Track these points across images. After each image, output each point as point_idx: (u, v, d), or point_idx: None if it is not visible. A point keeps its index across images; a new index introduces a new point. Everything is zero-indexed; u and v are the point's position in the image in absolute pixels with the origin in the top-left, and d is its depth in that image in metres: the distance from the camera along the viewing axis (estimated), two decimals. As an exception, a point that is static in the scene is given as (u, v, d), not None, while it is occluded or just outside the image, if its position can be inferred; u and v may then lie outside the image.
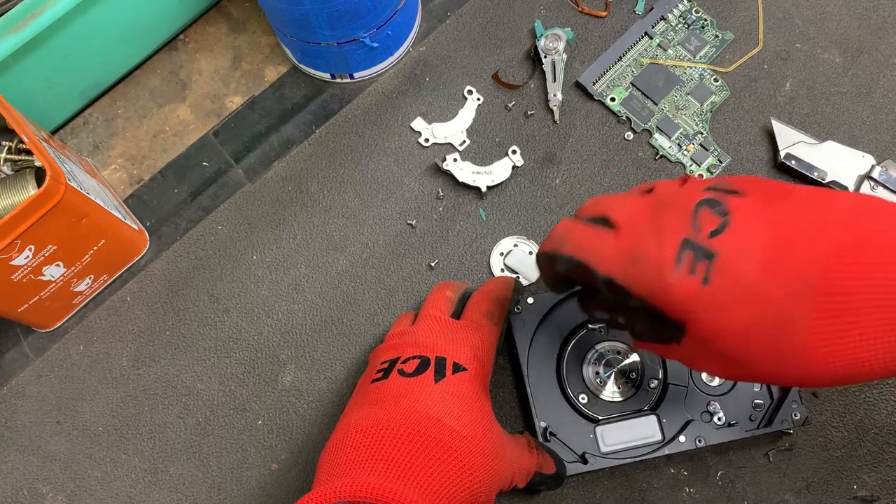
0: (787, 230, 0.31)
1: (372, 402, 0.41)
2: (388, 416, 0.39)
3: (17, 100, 0.52)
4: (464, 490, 0.38)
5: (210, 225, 0.58)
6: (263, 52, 0.62)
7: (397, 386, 0.41)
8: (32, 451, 0.54)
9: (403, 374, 0.41)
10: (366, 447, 0.38)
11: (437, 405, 0.39)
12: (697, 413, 0.49)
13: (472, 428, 0.39)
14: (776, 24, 0.60)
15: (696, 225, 0.33)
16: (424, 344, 0.43)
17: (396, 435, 0.38)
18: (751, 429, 0.48)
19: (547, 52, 0.59)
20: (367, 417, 0.39)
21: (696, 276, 0.32)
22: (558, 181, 0.57)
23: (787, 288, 0.30)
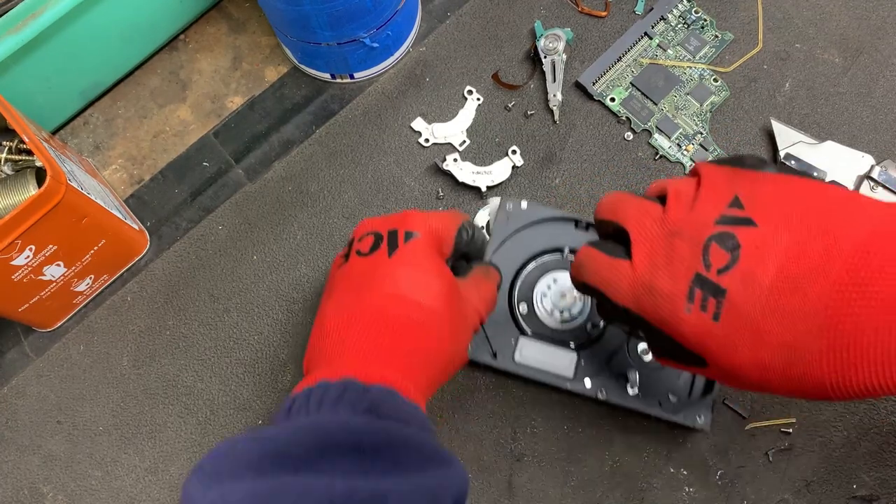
0: (795, 264, 0.32)
1: (339, 290, 0.42)
2: (355, 305, 0.40)
3: (17, 100, 0.52)
4: (436, 358, 0.40)
5: (210, 225, 0.58)
6: (263, 52, 0.62)
7: (358, 268, 0.42)
8: (33, 450, 0.54)
9: (360, 253, 0.42)
10: (341, 341, 0.39)
11: (395, 280, 0.41)
12: (615, 373, 0.50)
13: (430, 294, 0.41)
14: (776, 24, 0.60)
15: (707, 261, 0.33)
16: (378, 222, 0.44)
17: (366, 323, 0.39)
18: (654, 410, 0.49)
19: (547, 53, 0.59)
20: (337, 308, 0.41)
21: (708, 313, 0.33)
22: (558, 181, 0.57)
23: (795, 325, 0.31)
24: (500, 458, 0.51)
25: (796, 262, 0.32)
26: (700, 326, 0.33)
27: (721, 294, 0.33)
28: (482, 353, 0.50)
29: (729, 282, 0.33)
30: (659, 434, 0.51)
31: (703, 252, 0.34)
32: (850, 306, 0.30)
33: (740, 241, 0.33)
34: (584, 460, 0.51)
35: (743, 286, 0.32)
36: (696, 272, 0.34)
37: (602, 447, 0.51)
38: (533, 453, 0.51)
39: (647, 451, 0.51)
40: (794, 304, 0.31)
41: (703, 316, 0.33)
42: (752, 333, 0.32)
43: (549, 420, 0.52)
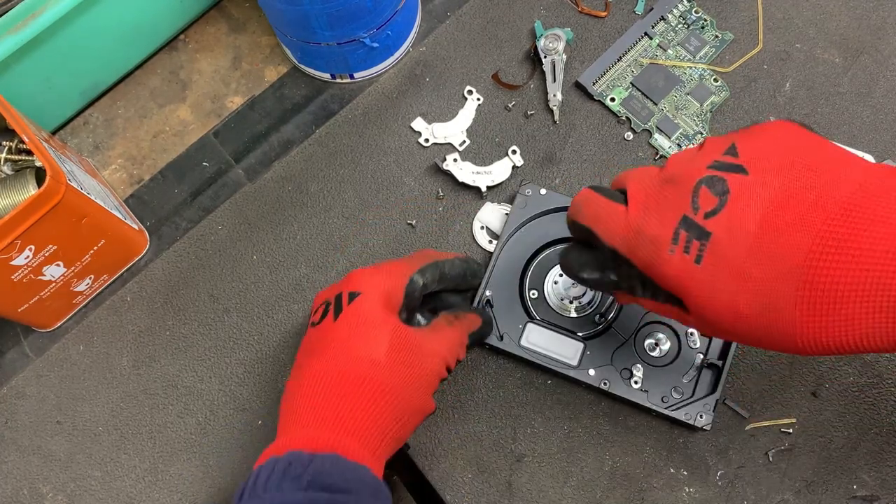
0: (780, 213, 0.32)
1: (295, 363, 0.45)
2: (304, 373, 0.42)
3: (17, 100, 0.52)
4: (388, 410, 0.41)
5: (210, 225, 0.58)
6: (263, 52, 0.62)
7: (310, 338, 0.45)
8: (33, 451, 0.54)
9: (313, 324, 0.45)
10: (292, 411, 0.42)
11: (340, 341, 0.42)
12: (621, 366, 0.50)
13: (376, 348, 0.42)
14: (776, 24, 0.60)
15: (696, 204, 0.34)
16: (327, 292, 0.46)
17: (311, 389, 0.41)
18: (657, 405, 0.49)
19: (547, 53, 0.59)
20: (291, 379, 0.43)
21: (690, 255, 0.34)
22: (558, 181, 0.57)
23: (774, 273, 0.32)
24: (500, 458, 0.51)
25: (782, 212, 0.32)
26: (682, 268, 0.34)
27: (706, 237, 0.33)
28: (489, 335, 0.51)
29: (714, 225, 0.33)
30: (659, 434, 0.51)
31: (693, 195, 0.34)
32: (827, 261, 0.31)
33: (730, 186, 0.33)
34: (584, 460, 0.51)
35: (727, 231, 0.33)
36: (683, 214, 0.34)
37: (602, 447, 0.51)
38: (533, 453, 0.51)
39: (647, 451, 0.51)
40: (775, 252, 0.32)
41: (685, 258, 0.34)
42: (732, 278, 0.33)
43: (549, 420, 0.52)
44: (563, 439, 0.51)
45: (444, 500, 0.50)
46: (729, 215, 0.33)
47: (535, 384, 0.52)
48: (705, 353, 0.50)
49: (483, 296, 0.52)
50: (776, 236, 0.32)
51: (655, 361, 0.51)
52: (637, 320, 0.51)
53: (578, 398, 0.52)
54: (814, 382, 0.51)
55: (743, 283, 0.32)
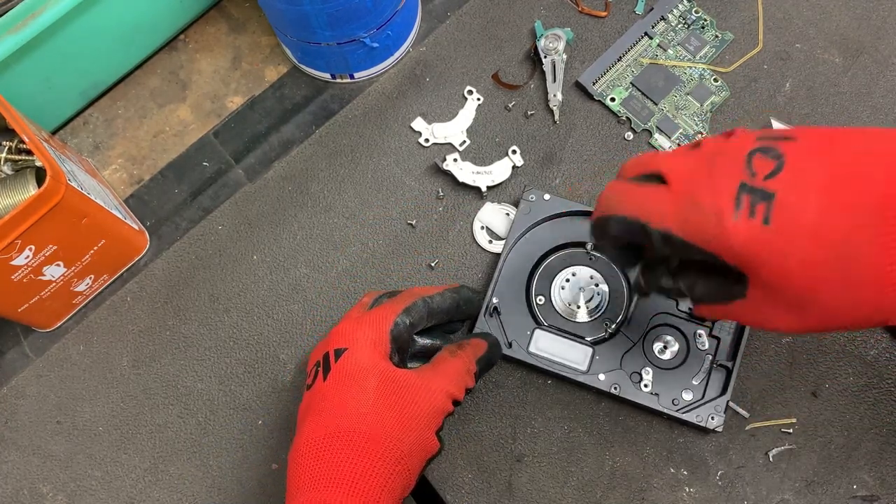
0: (843, 165, 0.31)
1: (298, 423, 0.44)
2: (299, 440, 0.42)
3: (17, 100, 0.52)
4: (386, 458, 0.40)
5: (210, 225, 0.58)
6: (263, 52, 0.62)
7: (305, 402, 0.44)
8: (33, 451, 0.54)
9: (308, 387, 0.45)
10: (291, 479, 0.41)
11: (329, 401, 0.42)
12: (630, 370, 0.50)
13: (365, 400, 0.41)
14: (776, 24, 0.60)
15: (751, 170, 0.33)
16: (316, 352, 0.46)
17: (306, 456, 0.41)
18: (668, 408, 0.49)
19: (547, 52, 0.59)
20: (296, 440, 0.43)
21: (756, 218, 0.32)
22: (558, 181, 0.57)
23: (850, 219, 0.30)
24: (500, 458, 0.51)
25: (844, 163, 0.31)
26: (749, 233, 0.32)
27: (770, 198, 0.32)
28: None
29: (777, 185, 0.32)
30: (659, 434, 0.51)
31: (746, 163, 0.33)
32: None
33: (783, 150, 0.32)
34: (584, 460, 0.51)
35: (793, 187, 0.31)
36: (740, 181, 0.32)
37: (602, 447, 0.51)
38: (533, 453, 0.51)
39: (647, 451, 0.51)
40: (847, 201, 0.31)
41: (752, 222, 0.32)
42: (805, 235, 0.31)
43: (549, 420, 0.52)
44: (563, 439, 0.51)
45: (444, 500, 0.50)
46: (792, 172, 0.32)
47: (534, 384, 0.52)
48: (714, 355, 0.51)
49: (490, 303, 0.52)
50: (845, 185, 0.31)
51: (664, 364, 0.51)
52: (645, 323, 0.51)
53: (578, 398, 0.52)
54: (814, 382, 0.51)
55: (817, 238, 0.31)
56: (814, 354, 0.52)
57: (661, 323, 0.52)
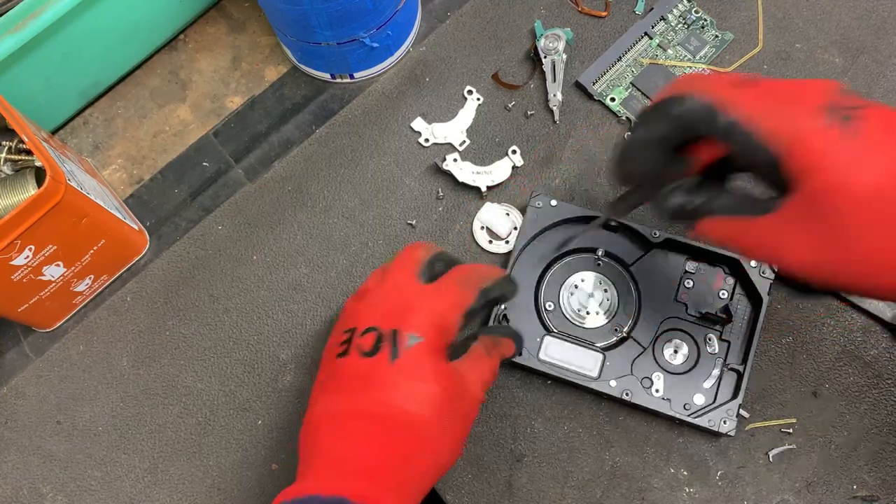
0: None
1: (336, 386, 0.41)
2: (352, 408, 0.39)
3: (17, 100, 0.52)
4: (429, 467, 0.39)
5: (210, 225, 0.58)
6: (263, 52, 0.62)
7: (357, 368, 0.40)
8: (32, 451, 0.54)
9: (362, 352, 0.41)
10: (334, 440, 0.39)
11: (394, 390, 0.39)
12: (640, 376, 0.50)
13: (429, 405, 0.40)
14: (776, 24, 0.60)
15: (841, 96, 0.33)
16: (383, 311, 0.42)
17: (360, 434, 0.39)
18: (680, 413, 0.49)
19: (547, 53, 0.59)
20: (335, 405, 0.40)
21: (846, 129, 0.32)
22: (558, 181, 0.57)
23: None
24: (500, 458, 0.51)
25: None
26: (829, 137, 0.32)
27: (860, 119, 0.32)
28: None
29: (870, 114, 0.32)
30: (659, 434, 0.51)
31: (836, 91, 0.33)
32: None
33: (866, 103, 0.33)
34: (584, 460, 0.51)
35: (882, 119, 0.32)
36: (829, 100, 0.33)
37: (602, 447, 0.51)
38: (533, 453, 0.51)
39: (647, 451, 0.51)
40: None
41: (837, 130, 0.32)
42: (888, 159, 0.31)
43: (549, 420, 0.52)
44: (563, 439, 0.51)
45: (444, 500, 0.50)
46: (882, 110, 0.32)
47: (534, 384, 0.52)
48: (725, 358, 0.51)
49: (499, 311, 0.52)
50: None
51: (675, 369, 0.51)
52: (655, 328, 0.51)
53: (578, 398, 0.52)
54: (814, 382, 0.51)
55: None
56: (814, 354, 0.52)
57: (671, 328, 0.52)
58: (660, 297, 0.52)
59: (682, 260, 0.53)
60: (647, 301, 0.52)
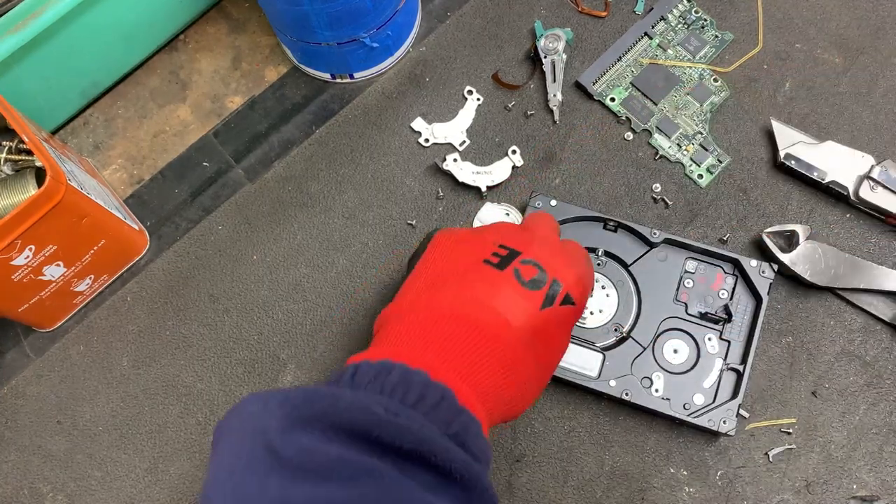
0: None
1: (475, 290, 0.39)
2: (485, 319, 0.38)
3: (17, 100, 0.52)
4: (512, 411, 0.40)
5: (210, 225, 0.58)
6: (263, 52, 0.62)
7: (508, 286, 0.39)
8: (33, 450, 0.54)
9: (519, 278, 0.40)
10: (453, 338, 0.37)
11: (533, 330, 0.39)
12: (640, 375, 0.50)
13: (547, 360, 0.41)
14: (776, 24, 0.60)
15: None
16: (547, 254, 0.41)
17: (483, 342, 0.37)
18: (680, 413, 0.49)
19: (547, 53, 0.59)
20: (466, 305, 0.39)
21: None
22: (558, 181, 0.57)
23: None
24: (500, 458, 0.51)
25: None
26: None
27: None
28: None
29: None
30: (659, 434, 0.51)
31: None
32: None
33: None
34: (584, 460, 0.51)
35: None
36: None
37: (602, 447, 0.51)
38: (533, 453, 0.51)
39: (647, 451, 0.51)
40: None
41: None
42: None
43: (549, 420, 0.52)
44: (563, 439, 0.51)
45: (444, 500, 0.50)
46: None
47: (535, 384, 0.52)
48: (725, 358, 0.51)
49: None
50: None
51: (675, 369, 0.51)
52: (655, 328, 0.51)
53: (578, 398, 0.52)
54: (814, 382, 0.51)
55: None
56: (814, 354, 0.52)
57: (671, 327, 0.52)
58: (659, 297, 0.52)
59: (681, 259, 0.53)
60: (646, 301, 0.52)
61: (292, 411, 0.31)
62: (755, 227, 0.55)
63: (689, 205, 0.56)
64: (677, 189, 0.56)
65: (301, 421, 0.31)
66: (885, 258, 0.54)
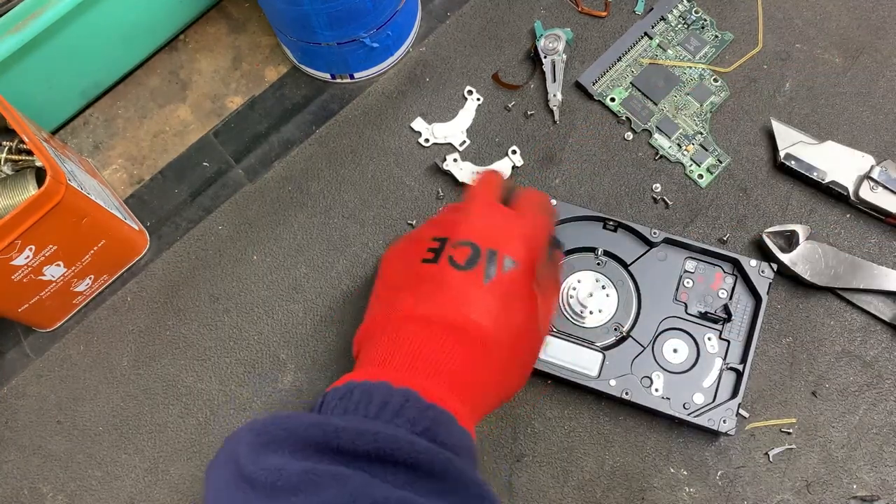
0: None
1: (421, 291, 0.40)
2: (437, 314, 0.38)
3: (17, 100, 0.52)
4: (498, 391, 0.40)
5: (210, 225, 0.58)
6: (263, 52, 0.62)
7: (447, 277, 0.40)
8: (33, 451, 0.54)
9: (454, 263, 0.40)
10: (409, 343, 0.38)
11: (485, 309, 0.39)
12: (640, 375, 0.50)
13: (511, 331, 0.39)
14: (776, 24, 0.60)
15: None
16: (477, 228, 0.41)
17: (441, 339, 0.38)
18: (679, 412, 0.49)
19: (547, 53, 0.59)
20: (417, 307, 0.39)
21: None
22: (558, 181, 0.57)
23: None
24: (500, 458, 0.51)
25: None
26: None
27: None
28: None
29: None
30: (659, 434, 0.51)
31: None
32: None
33: None
34: (584, 460, 0.51)
35: None
36: None
37: (602, 447, 0.51)
38: (533, 453, 0.51)
39: (647, 451, 0.51)
40: None
41: None
42: None
43: (549, 420, 0.52)
44: (563, 439, 0.51)
45: (444, 500, 0.50)
46: None
47: (534, 384, 0.52)
48: (724, 357, 0.51)
49: None
50: None
51: (675, 368, 0.51)
52: (654, 328, 0.51)
53: (578, 398, 0.52)
54: (814, 382, 0.51)
55: None
56: (814, 354, 0.52)
57: (671, 327, 0.52)
58: (659, 297, 0.52)
59: (681, 259, 0.53)
60: (646, 300, 0.52)
61: (258, 437, 0.33)
62: (755, 227, 0.55)
63: (689, 205, 0.56)
64: (677, 189, 0.56)
65: (268, 444, 0.33)
66: (885, 258, 0.54)
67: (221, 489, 0.33)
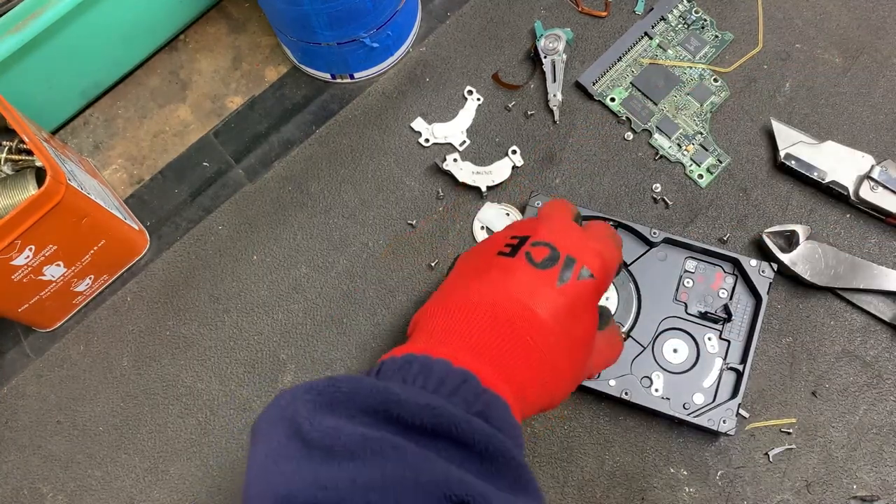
0: None
1: (491, 277, 0.40)
2: (503, 300, 0.38)
3: (17, 100, 0.52)
4: (546, 397, 0.39)
5: (210, 225, 0.58)
6: (263, 52, 0.62)
7: (520, 269, 0.40)
8: (33, 450, 0.54)
9: (531, 260, 0.40)
10: (478, 327, 0.38)
11: (553, 309, 0.39)
12: (640, 375, 0.50)
13: (572, 344, 0.39)
14: (776, 24, 0.60)
15: None
16: (559, 234, 0.41)
17: (506, 331, 0.38)
18: (679, 412, 0.49)
19: (547, 53, 0.59)
20: (484, 291, 0.39)
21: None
22: (558, 181, 0.57)
23: None
24: (500, 458, 0.51)
25: None
26: None
27: None
28: None
29: None
30: (659, 434, 0.51)
31: None
32: None
33: None
34: (584, 460, 0.51)
35: None
36: None
37: (602, 447, 0.51)
38: (533, 453, 0.51)
39: (647, 451, 0.51)
40: None
41: None
42: None
43: (548, 420, 0.52)
44: (562, 439, 0.51)
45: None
46: None
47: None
48: (724, 358, 0.51)
49: None
50: None
51: (674, 368, 0.51)
52: (654, 328, 0.51)
53: (578, 398, 0.52)
54: (814, 382, 0.51)
55: None
56: (814, 354, 0.52)
57: (671, 327, 0.52)
58: (659, 296, 0.52)
59: (681, 259, 0.53)
60: (646, 300, 0.52)
61: (318, 397, 0.33)
62: (755, 227, 0.55)
63: (689, 205, 0.56)
64: (677, 189, 0.56)
65: (326, 406, 0.32)
66: (885, 258, 0.54)
67: (273, 445, 0.32)
